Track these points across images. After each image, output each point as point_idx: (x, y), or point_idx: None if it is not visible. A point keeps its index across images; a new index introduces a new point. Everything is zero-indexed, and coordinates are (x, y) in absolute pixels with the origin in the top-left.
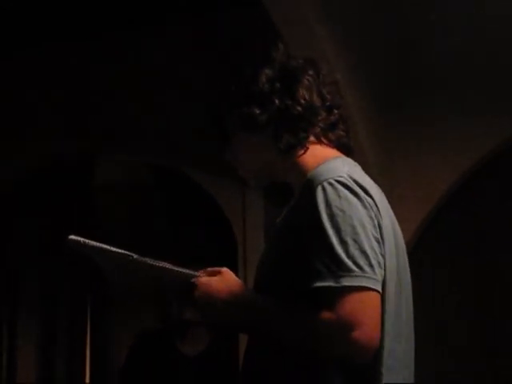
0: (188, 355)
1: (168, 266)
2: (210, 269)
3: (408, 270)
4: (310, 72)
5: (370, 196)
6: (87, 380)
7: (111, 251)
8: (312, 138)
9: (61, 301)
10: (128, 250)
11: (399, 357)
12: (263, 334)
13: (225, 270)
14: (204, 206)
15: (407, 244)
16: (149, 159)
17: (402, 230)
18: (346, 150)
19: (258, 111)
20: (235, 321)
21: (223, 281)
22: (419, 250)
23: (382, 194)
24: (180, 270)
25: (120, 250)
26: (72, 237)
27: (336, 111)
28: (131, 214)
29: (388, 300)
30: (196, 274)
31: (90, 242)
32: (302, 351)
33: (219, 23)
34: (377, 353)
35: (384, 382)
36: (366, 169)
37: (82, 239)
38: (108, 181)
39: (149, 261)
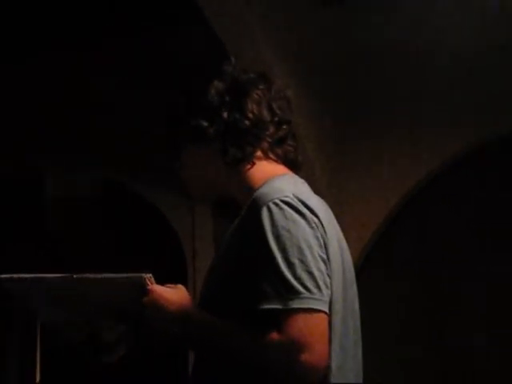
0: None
1: (112, 275)
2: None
3: (355, 284)
4: (261, 86)
5: (316, 215)
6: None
7: (49, 278)
8: (259, 153)
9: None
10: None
11: (347, 372)
12: (210, 353)
13: (180, 285)
14: (152, 221)
15: (358, 258)
16: (96, 174)
17: (351, 245)
18: (294, 166)
19: (205, 124)
20: (180, 335)
21: (176, 293)
22: (368, 264)
23: (329, 211)
24: (126, 275)
25: (58, 275)
26: (3, 276)
27: (285, 126)
28: (79, 229)
29: (334, 318)
30: (145, 275)
31: (23, 275)
32: (249, 372)
33: (167, 38)
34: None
35: None
36: (314, 184)
37: (14, 275)
38: (58, 195)
39: (91, 276)
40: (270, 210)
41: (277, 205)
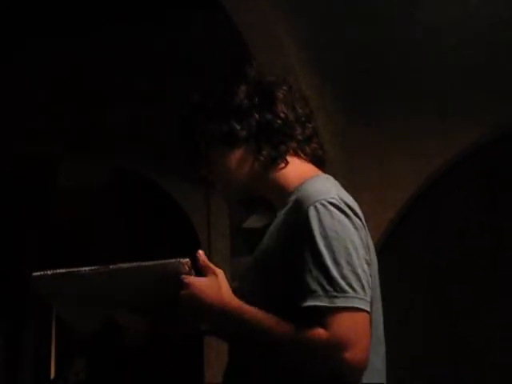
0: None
1: (148, 263)
2: (204, 261)
3: (378, 278)
4: (284, 87)
5: (358, 216)
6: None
7: (83, 271)
8: (290, 152)
9: (26, 303)
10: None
11: (377, 367)
12: (250, 345)
13: (219, 271)
14: (168, 211)
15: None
16: (109, 162)
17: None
18: (321, 163)
19: (238, 127)
20: (218, 327)
21: (213, 285)
22: (383, 255)
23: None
24: (163, 261)
25: (93, 267)
26: (35, 274)
27: (310, 125)
28: (91, 219)
29: (372, 316)
30: (182, 260)
31: (56, 271)
32: (290, 367)
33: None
34: None
35: None
36: (330, 173)
37: (48, 271)
38: (72, 183)
39: (127, 265)
40: (317, 210)
41: (324, 205)
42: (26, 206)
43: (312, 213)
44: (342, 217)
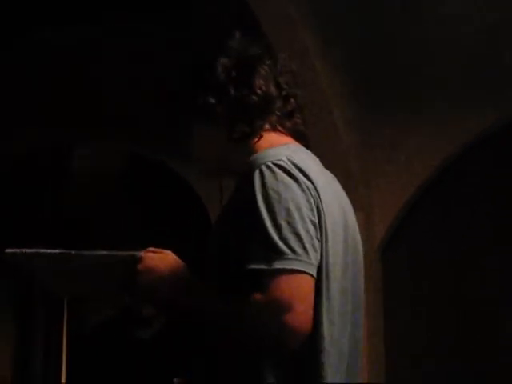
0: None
1: (109, 252)
2: (153, 248)
3: (361, 255)
4: (267, 61)
5: (310, 180)
6: (63, 380)
7: (50, 253)
8: (267, 126)
9: (37, 298)
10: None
11: (343, 345)
12: (200, 316)
13: (168, 251)
14: (182, 195)
15: (384, 235)
16: (127, 147)
17: (378, 220)
18: (303, 138)
19: (213, 101)
20: (171, 299)
21: (164, 258)
22: (396, 242)
23: (332, 180)
24: (122, 252)
25: (58, 250)
26: (9, 250)
27: (292, 100)
28: (105, 203)
29: (331, 285)
30: (138, 253)
31: (27, 250)
32: (235, 335)
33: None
34: (316, 340)
35: (325, 369)
36: (342, 163)
37: (18, 250)
38: (84, 167)
39: (88, 252)
40: (261, 172)
41: (269, 167)
42: (39, 191)
43: (256, 175)
44: (288, 178)
